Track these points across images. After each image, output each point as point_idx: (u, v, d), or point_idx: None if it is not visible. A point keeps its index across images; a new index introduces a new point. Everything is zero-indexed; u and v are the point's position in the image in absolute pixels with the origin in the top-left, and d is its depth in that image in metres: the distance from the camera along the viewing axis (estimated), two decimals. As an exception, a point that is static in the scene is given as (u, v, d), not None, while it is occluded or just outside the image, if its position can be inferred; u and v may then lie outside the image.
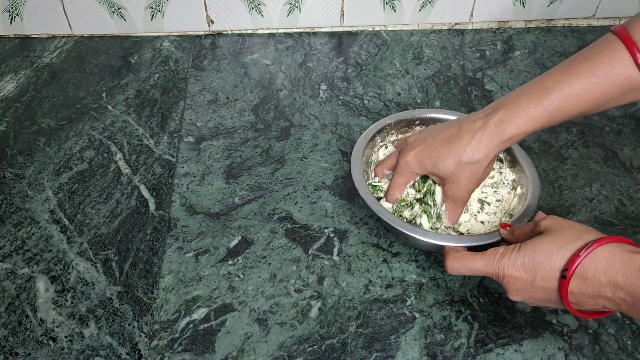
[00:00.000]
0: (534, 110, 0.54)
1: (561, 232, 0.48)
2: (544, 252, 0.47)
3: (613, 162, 0.74)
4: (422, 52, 0.92)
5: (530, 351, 0.55)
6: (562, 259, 0.46)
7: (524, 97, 0.55)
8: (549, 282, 0.47)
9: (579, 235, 0.46)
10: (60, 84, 0.85)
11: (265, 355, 0.55)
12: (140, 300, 0.59)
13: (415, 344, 0.55)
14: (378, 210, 0.59)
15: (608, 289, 0.44)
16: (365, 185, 0.61)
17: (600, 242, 0.45)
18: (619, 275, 0.43)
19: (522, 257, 0.48)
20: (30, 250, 0.63)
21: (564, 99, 0.53)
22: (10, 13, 0.90)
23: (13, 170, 0.72)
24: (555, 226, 0.49)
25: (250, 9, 0.92)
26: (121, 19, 0.92)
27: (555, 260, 0.46)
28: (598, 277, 0.44)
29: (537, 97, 0.54)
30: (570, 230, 0.47)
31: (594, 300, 0.46)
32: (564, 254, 0.46)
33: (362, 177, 0.62)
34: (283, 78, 0.86)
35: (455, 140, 0.57)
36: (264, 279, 0.61)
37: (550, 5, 0.95)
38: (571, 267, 0.45)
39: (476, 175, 0.58)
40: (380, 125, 0.68)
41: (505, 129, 0.55)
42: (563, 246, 0.46)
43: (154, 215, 0.67)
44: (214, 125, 0.78)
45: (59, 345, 0.55)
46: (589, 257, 0.45)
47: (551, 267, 0.46)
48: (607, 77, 0.52)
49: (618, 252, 0.44)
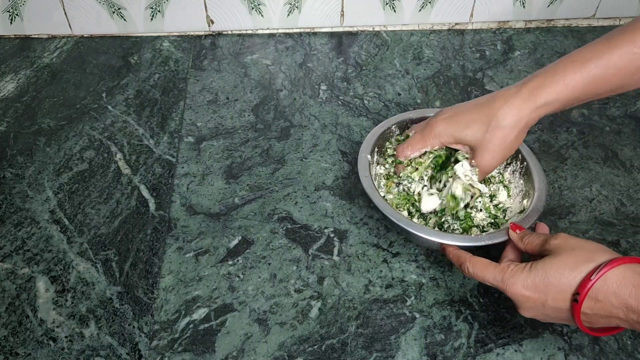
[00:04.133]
0: (572, 77, 0.53)
1: (571, 253, 0.47)
2: (555, 274, 0.47)
3: (613, 162, 0.74)
4: (422, 52, 0.92)
5: (530, 351, 0.55)
6: (574, 281, 0.46)
7: (561, 65, 0.54)
8: (560, 302, 0.47)
9: (590, 257, 0.46)
10: (60, 84, 0.85)
11: (265, 355, 0.55)
12: (140, 300, 0.59)
13: (415, 344, 0.55)
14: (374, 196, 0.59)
15: (620, 311, 0.44)
16: (368, 170, 0.62)
17: (611, 265, 0.45)
18: (631, 298, 0.43)
19: (532, 277, 0.48)
20: (31, 251, 0.63)
21: (602, 69, 0.52)
22: (10, 13, 0.90)
23: (13, 170, 0.72)
24: (565, 246, 0.48)
25: (250, 9, 0.92)
26: (121, 19, 0.92)
27: (566, 283, 0.46)
28: (610, 299, 0.44)
29: (575, 66, 0.53)
30: (581, 251, 0.47)
31: (607, 320, 0.46)
32: (575, 276, 0.46)
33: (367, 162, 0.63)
34: (283, 78, 0.86)
35: (487, 105, 0.56)
36: (264, 279, 0.61)
37: (550, 6, 0.95)
38: (582, 291, 0.45)
39: (505, 142, 0.56)
40: (401, 118, 0.68)
41: (540, 94, 0.54)
42: (574, 268, 0.46)
43: (154, 215, 0.67)
44: (214, 126, 0.78)
45: (59, 345, 0.55)
46: (600, 280, 0.44)
47: (562, 289, 0.46)
48: None
49: (630, 275, 0.44)
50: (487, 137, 0.56)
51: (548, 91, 0.54)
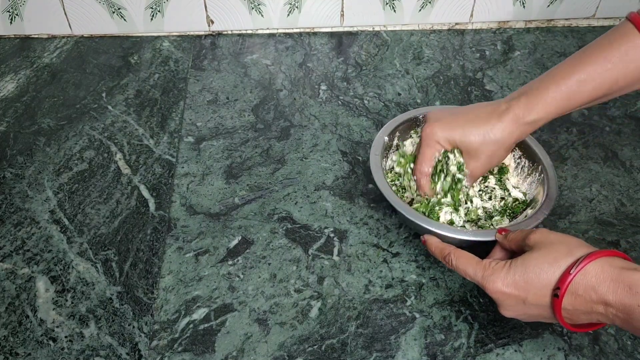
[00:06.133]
0: (553, 96, 0.56)
1: (550, 248, 0.47)
2: (534, 270, 0.47)
3: (613, 162, 0.74)
4: (422, 52, 0.92)
5: (530, 351, 0.55)
6: (553, 276, 0.46)
7: (544, 84, 0.57)
8: (541, 299, 0.47)
9: (569, 251, 0.46)
10: (60, 84, 0.85)
11: (265, 355, 0.55)
12: (140, 300, 0.59)
13: (415, 344, 0.55)
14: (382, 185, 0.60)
15: (600, 306, 0.44)
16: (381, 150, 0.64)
17: (590, 258, 0.44)
18: (609, 293, 0.43)
19: (512, 274, 0.48)
20: (30, 251, 0.63)
21: (580, 83, 0.55)
22: (10, 13, 0.90)
23: (13, 170, 0.72)
24: (544, 241, 0.48)
25: (250, 9, 0.92)
26: (121, 19, 0.92)
27: (546, 278, 0.46)
28: (589, 294, 0.44)
29: (555, 83, 0.56)
30: (560, 246, 0.47)
31: (588, 316, 0.46)
32: (555, 271, 0.46)
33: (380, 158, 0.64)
34: (283, 78, 0.86)
35: (484, 119, 0.59)
36: (264, 279, 0.61)
37: (550, 6, 0.95)
38: (562, 286, 0.45)
39: (495, 155, 0.59)
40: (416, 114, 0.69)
41: (527, 113, 0.57)
42: (553, 263, 0.46)
43: (154, 215, 0.67)
44: (214, 125, 0.78)
45: (59, 345, 0.55)
46: (580, 274, 0.44)
47: (542, 284, 0.46)
48: (622, 63, 0.54)
49: (608, 269, 0.44)
50: (481, 148, 0.59)
51: (533, 111, 0.57)
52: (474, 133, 0.58)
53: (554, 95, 0.56)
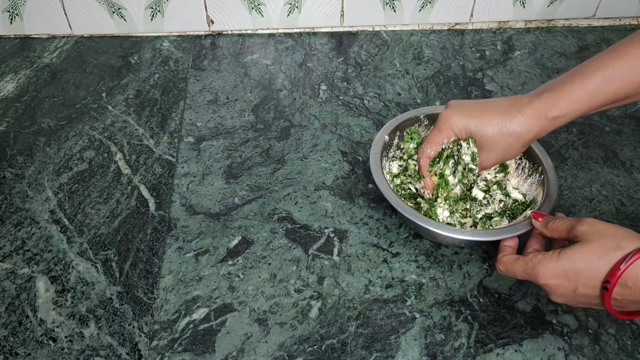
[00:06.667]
0: (577, 93, 0.55)
1: (599, 240, 0.48)
2: (584, 262, 0.48)
3: (613, 162, 0.74)
4: (422, 52, 0.92)
5: (530, 351, 0.55)
6: (603, 269, 0.47)
7: (570, 78, 0.56)
8: (590, 289, 0.48)
9: (617, 244, 0.47)
10: (60, 84, 0.85)
11: (265, 355, 0.55)
12: (140, 300, 0.59)
13: (415, 344, 0.55)
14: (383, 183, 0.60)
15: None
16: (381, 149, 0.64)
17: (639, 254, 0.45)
18: None
19: (562, 265, 0.48)
20: (30, 251, 0.63)
21: (606, 80, 0.54)
22: (10, 13, 0.90)
23: (13, 170, 0.72)
24: (593, 232, 0.49)
25: (250, 9, 0.92)
26: (121, 19, 0.92)
27: (595, 271, 0.47)
28: (638, 285, 0.45)
29: (581, 80, 0.55)
30: (608, 238, 0.48)
31: (637, 305, 0.47)
32: (604, 265, 0.47)
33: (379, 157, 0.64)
34: (283, 78, 0.86)
35: (504, 110, 0.58)
36: (264, 279, 0.61)
37: (550, 6, 0.95)
38: (612, 280, 0.46)
39: (511, 148, 0.58)
40: (431, 111, 0.68)
41: (550, 109, 0.56)
42: (603, 256, 0.47)
43: (154, 215, 0.67)
44: (214, 126, 0.78)
45: (59, 345, 0.55)
46: (629, 269, 0.45)
47: (592, 277, 0.47)
48: None
49: None
50: (496, 139, 0.58)
51: (557, 106, 0.55)
52: (491, 123, 0.57)
53: (579, 92, 0.54)
